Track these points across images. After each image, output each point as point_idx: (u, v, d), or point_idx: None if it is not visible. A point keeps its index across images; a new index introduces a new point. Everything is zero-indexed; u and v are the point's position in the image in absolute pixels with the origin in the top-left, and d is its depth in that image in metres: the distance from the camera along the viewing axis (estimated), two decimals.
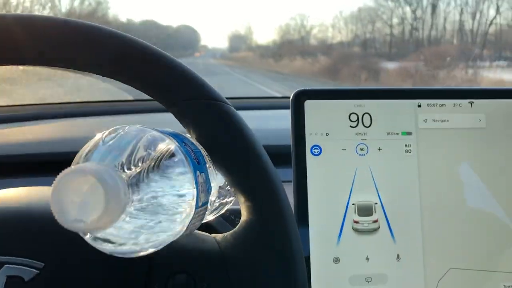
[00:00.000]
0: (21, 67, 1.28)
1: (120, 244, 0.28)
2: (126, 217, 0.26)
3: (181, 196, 0.29)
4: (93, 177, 0.24)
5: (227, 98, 0.35)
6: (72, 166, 0.25)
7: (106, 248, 0.28)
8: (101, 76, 0.35)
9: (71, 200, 0.24)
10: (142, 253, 0.29)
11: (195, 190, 0.29)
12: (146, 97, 0.35)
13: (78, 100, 1.36)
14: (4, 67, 0.34)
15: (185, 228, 0.29)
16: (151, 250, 0.29)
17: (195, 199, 0.29)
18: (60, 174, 0.25)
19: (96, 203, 0.24)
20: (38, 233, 0.33)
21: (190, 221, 0.29)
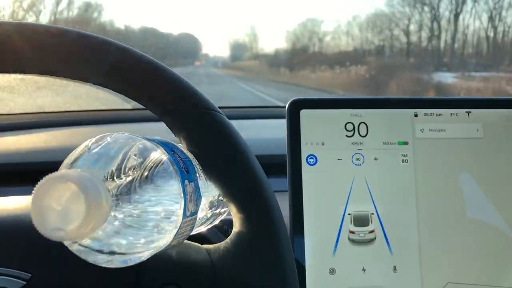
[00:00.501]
0: (19, 76, 1.29)
1: (104, 254, 0.27)
2: (110, 226, 0.26)
3: (167, 205, 0.28)
4: (74, 185, 0.23)
5: (222, 107, 0.35)
6: (54, 173, 0.24)
7: (89, 257, 0.27)
8: (100, 86, 0.34)
9: (51, 207, 0.24)
10: (127, 264, 0.28)
11: (182, 199, 0.28)
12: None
13: (76, 109, 1.35)
14: (2, 75, 0.34)
15: (171, 238, 0.29)
16: (136, 261, 0.28)
17: (182, 209, 0.28)
18: (41, 180, 0.24)
19: (77, 212, 0.23)
20: (25, 243, 0.33)
21: (177, 231, 0.29)
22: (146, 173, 0.28)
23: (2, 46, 0.31)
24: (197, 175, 0.32)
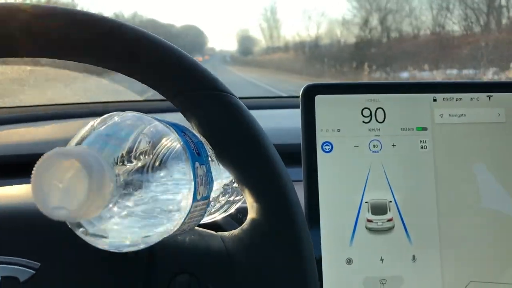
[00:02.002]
0: (28, 67, 1.28)
1: (112, 238, 0.26)
2: (118, 210, 0.25)
3: (176, 188, 0.27)
4: (77, 161, 0.22)
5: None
6: (56, 149, 0.23)
7: (96, 242, 0.26)
8: (109, 77, 0.33)
9: (53, 185, 0.22)
10: (134, 248, 0.27)
11: (192, 182, 0.27)
12: (154, 97, 0.33)
13: (86, 100, 1.35)
14: (12, 68, 0.33)
15: (181, 223, 0.27)
16: (145, 245, 0.27)
17: (192, 192, 0.27)
18: (42, 157, 0.23)
19: (79, 189, 0.22)
20: (34, 232, 0.32)
21: (187, 215, 0.27)
22: (158, 157, 0.26)
23: (12, 29, 0.30)
24: (209, 159, 0.31)
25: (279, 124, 0.96)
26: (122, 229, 0.26)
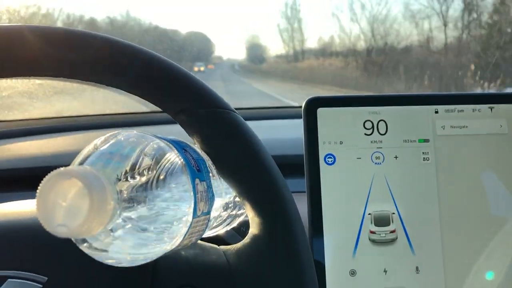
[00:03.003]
0: (37, 81, 1.30)
1: (114, 253, 0.27)
2: (121, 225, 0.25)
3: (177, 204, 0.27)
4: (79, 181, 0.23)
5: (237, 108, 0.34)
6: (59, 169, 0.24)
7: (100, 256, 0.27)
8: (117, 90, 0.34)
9: (57, 203, 0.23)
10: (136, 263, 0.27)
11: (192, 198, 0.28)
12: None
13: (93, 113, 1.37)
14: (22, 81, 0.34)
15: (181, 238, 0.28)
16: (146, 260, 0.27)
17: (192, 208, 0.28)
18: (46, 176, 0.24)
19: (81, 208, 0.23)
20: (42, 247, 0.33)
21: (188, 231, 0.28)
22: (159, 174, 0.27)
23: (27, 51, 0.31)
24: (211, 174, 0.31)
25: (281, 134, 0.97)
26: (124, 244, 0.26)
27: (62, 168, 0.24)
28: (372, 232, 0.47)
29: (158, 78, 0.32)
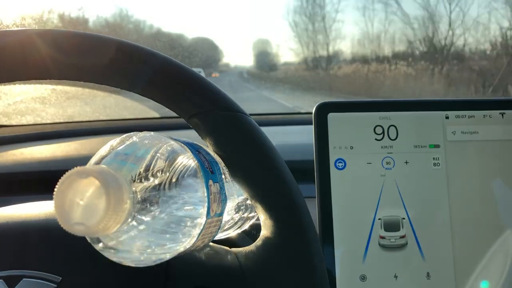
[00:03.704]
0: (50, 86, 1.32)
1: (128, 253, 0.27)
2: (135, 226, 0.26)
3: (191, 205, 0.28)
4: (96, 180, 0.23)
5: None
6: (76, 168, 0.24)
7: (114, 256, 0.27)
8: (127, 94, 0.34)
9: (74, 202, 0.24)
10: (150, 263, 0.28)
11: (206, 199, 0.28)
12: (173, 114, 0.35)
13: (105, 118, 1.38)
14: (34, 86, 0.35)
15: (195, 239, 0.28)
16: (160, 261, 0.28)
17: (205, 209, 0.28)
18: (64, 175, 0.24)
19: (98, 207, 0.23)
20: (56, 246, 0.33)
21: (201, 232, 0.28)
22: (173, 175, 0.28)
23: (45, 56, 0.32)
24: (223, 177, 0.32)
25: (292, 140, 0.97)
26: (138, 244, 0.27)
27: (79, 167, 0.24)
28: (382, 237, 0.47)
29: (171, 81, 0.32)
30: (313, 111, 0.49)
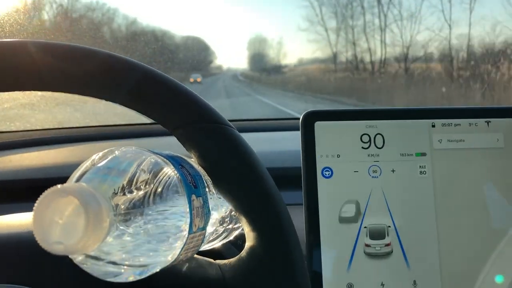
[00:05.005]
0: (40, 93, 1.31)
1: (109, 268, 0.27)
2: (116, 240, 0.26)
3: (174, 221, 0.28)
4: (75, 199, 0.23)
5: (236, 120, 0.35)
6: (55, 186, 0.24)
7: (93, 271, 0.27)
8: None
9: (53, 221, 0.24)
10: (133, 279, 0.28)
11: (188, 214, 0.28)
12: None
13: (95, 124, 1.37)
14: (23, 93, 0.34)
15: (177, 254, 0.28)
16: (142, 276, 0.28)
17: (187, 224, 0.28)
18: (43, 194, 0.24)
19: (77, 226, 0.23)
20: (33, 259, 0.33)
21: (183, 247, 0.28)
22: (155, 189, 0.27)
23: (27, 65, 0.31)
24: (207, 190, 0.32)
25: (280, 146, 0.97)
26: (119, 259, 0.27)
27: (58, 186, 0.24)
28: (367, 245, 0.47)
29: (154, 94, 0.32)
30: (300, 120, 0.49)
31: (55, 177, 0.91)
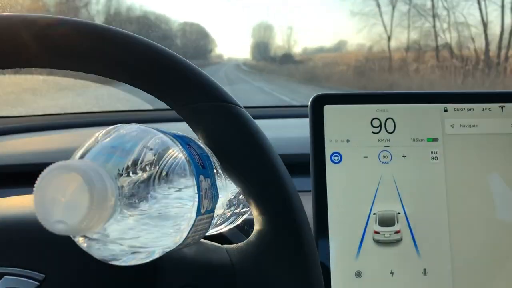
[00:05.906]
0: (42, 77, 1.30)
1: (114, 250, 0.26)
2: (122, 222, 0.25)
3: (181, 202, 0.27)
4: (79, 175, 0.22)
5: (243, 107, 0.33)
6: (58, 162, 0.23)
7: (97, 253, 0.26)
8: (120, 86, 0.33)
9: (55, 199, 0.22)
10: (138, 262, 0.26)
11: (196, 196, 0.27)
12: (165, 106, 0.33)
13: (97, 109, 1.36)
14: (25, 77, 0.33)
15: (184, 236, 0.27)
16: (148, 259, 0.26)
17: (195, 206, 0.27)
18: (44, 170, 0.23)
19: (80, 204, 0.22)
20: (39, 243, 0.32)
21: (191, 229, 0.27)
22: (162, 170, 0.26)
23: (24, 40, 0.30)
24: (215, 171, 0.30)
25: (287, 133, 0.95)
26: (124, 241, 0.25)
27: (61, 162, 0.23)
28: (376, 232, 0.46)
29: (160, 71, 0.31)
30: (309, 103, 0.48)
31: (57, 161, 0.90)
